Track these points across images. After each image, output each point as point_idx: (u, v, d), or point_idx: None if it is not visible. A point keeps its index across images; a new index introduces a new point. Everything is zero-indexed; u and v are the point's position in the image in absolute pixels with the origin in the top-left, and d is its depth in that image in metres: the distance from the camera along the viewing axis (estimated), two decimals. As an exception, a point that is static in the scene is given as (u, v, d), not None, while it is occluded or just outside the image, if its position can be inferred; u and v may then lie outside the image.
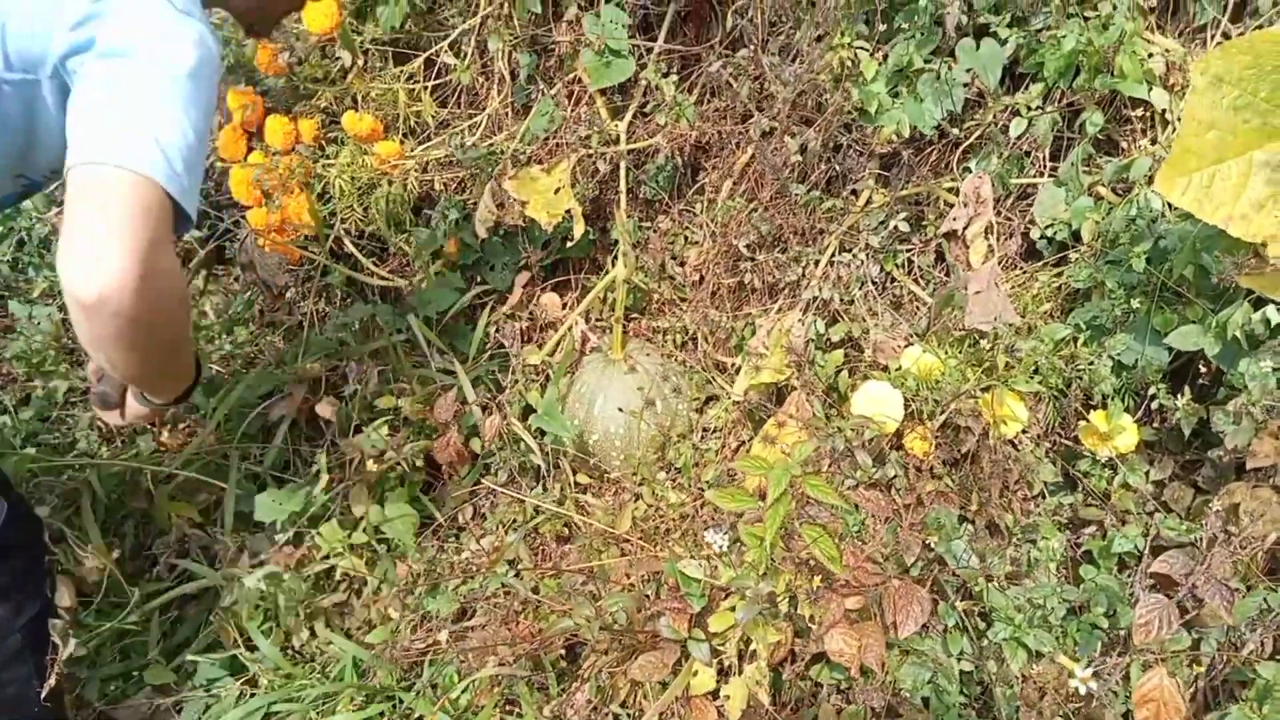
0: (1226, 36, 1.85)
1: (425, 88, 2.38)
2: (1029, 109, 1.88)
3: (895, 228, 1.97)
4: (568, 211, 2.06)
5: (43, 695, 1.39)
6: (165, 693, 1.72)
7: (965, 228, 1.83)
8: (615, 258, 2.21)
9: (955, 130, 1.99)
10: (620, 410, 2.03)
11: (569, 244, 2.20)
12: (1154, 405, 1.66)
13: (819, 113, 2.03)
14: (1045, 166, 1.98)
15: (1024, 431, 1.66)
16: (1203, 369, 1.71)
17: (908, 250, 2.04)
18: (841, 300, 1.98)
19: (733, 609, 1.26)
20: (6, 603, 1.35)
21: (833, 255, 2.02)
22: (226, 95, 2.22)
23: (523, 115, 2.36)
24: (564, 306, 2.38)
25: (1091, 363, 1.65)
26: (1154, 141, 1.88)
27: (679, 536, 1.72)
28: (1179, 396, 1.61)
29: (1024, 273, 1.91)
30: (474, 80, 2.37)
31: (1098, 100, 1.87)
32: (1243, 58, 1.39)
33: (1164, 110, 1.85)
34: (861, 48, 1.94)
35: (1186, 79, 1.83)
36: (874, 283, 1.99)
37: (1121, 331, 1.67)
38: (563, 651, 1.61)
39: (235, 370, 2.31)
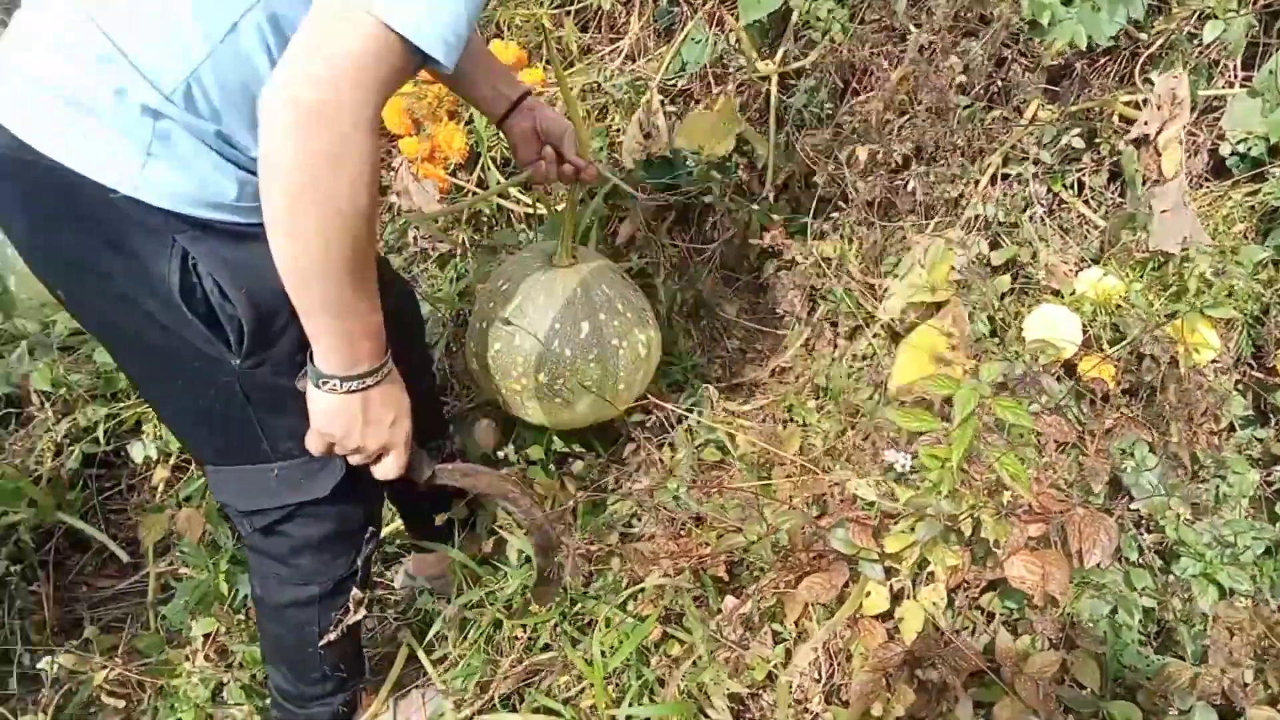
0: None
1: (567, 12, 2.36)
2: (1225, 11, 1.74)
3: (1069, 144, 1.87)
4: (737, 137, 2.03)
5: (329, 651, 1.44)
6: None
7: (1157, 133, 1.70)
8: (765, 181, 2.17)
9: (1140, 35, 1.85)
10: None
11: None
12: (1359, 332, 1.55)
13: (983, 25, 1.93)
14: (1236, 76, 1.84)
15: (1213, 361, 1.57)
16: None
17: (1078, 170, 1.93)
18: (1005, 220, 1.89)
19: (908, 530, 1.25)
20: (324, 554, 1.37)
21: (995, 173, 1.94)
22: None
23: (664, 40, 2.32)
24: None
25: (1290, 286, 1.54)
26: (1366, 44, 1.72)
27: (844, 460, 1.70)
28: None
29: (1212, 192, 1.79)
30: (613, 5, 2.34)
31: (1302, 0, 1.72)
32: None
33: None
34: (1034, -48, 1.83)
35: None
36: (1041, 203, 1.90)
37: (1325, 252, 1.56)
38: (724, 569, 1.63)
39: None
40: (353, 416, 1.12)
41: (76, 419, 2.04)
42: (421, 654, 1.70)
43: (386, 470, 1.21)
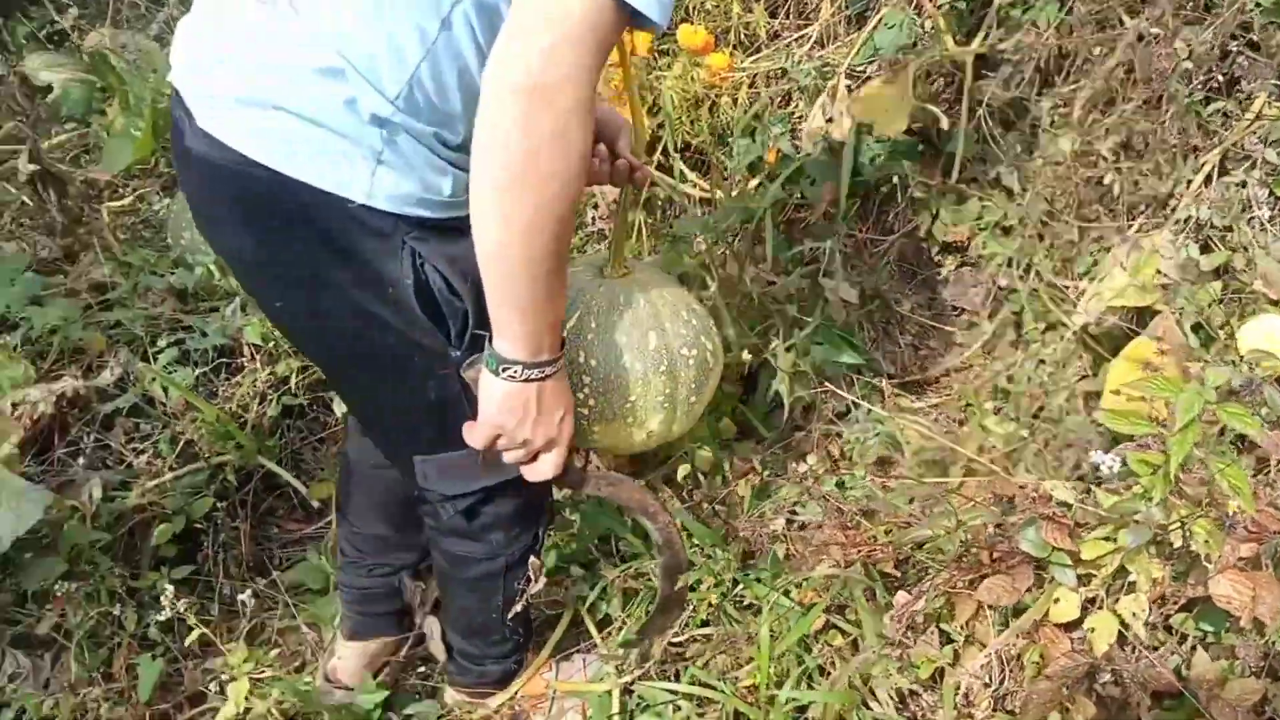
0: None
1: (758, -2, 2.36)
2: None
3: (1299, 144, 1.73)
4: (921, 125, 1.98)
5: (509, 615, 1.49)
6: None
7: None
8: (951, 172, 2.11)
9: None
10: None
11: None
12: None
13: (1208, 14, 1.81)
14: None
15: None
16: None
17: (1307, 172, 1.79)
18: (1219, 225, 1.78)
19: (1107, 538, 1.20)
20: (513, 529, 1.42)
21: (1210, 172, 1.82)
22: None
23: (855, 25, 2.29)
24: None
25: None
26: None
27: (1025, 466, 1.64)
28: None
29: None
30: (806, -11, 2.33)
31: None
32: None
33: None
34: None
35: None
36: (1262, 206, 1.77)
37: None
38: (893, 565, 1.60)
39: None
40: (527, 406, 1.12)
41: (275, 370, 2.20)
42: (588, 618, 1.75)
43: (543, 470, 1.21)
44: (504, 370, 1.09)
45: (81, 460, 2.06)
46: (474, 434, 1.16)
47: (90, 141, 2.91)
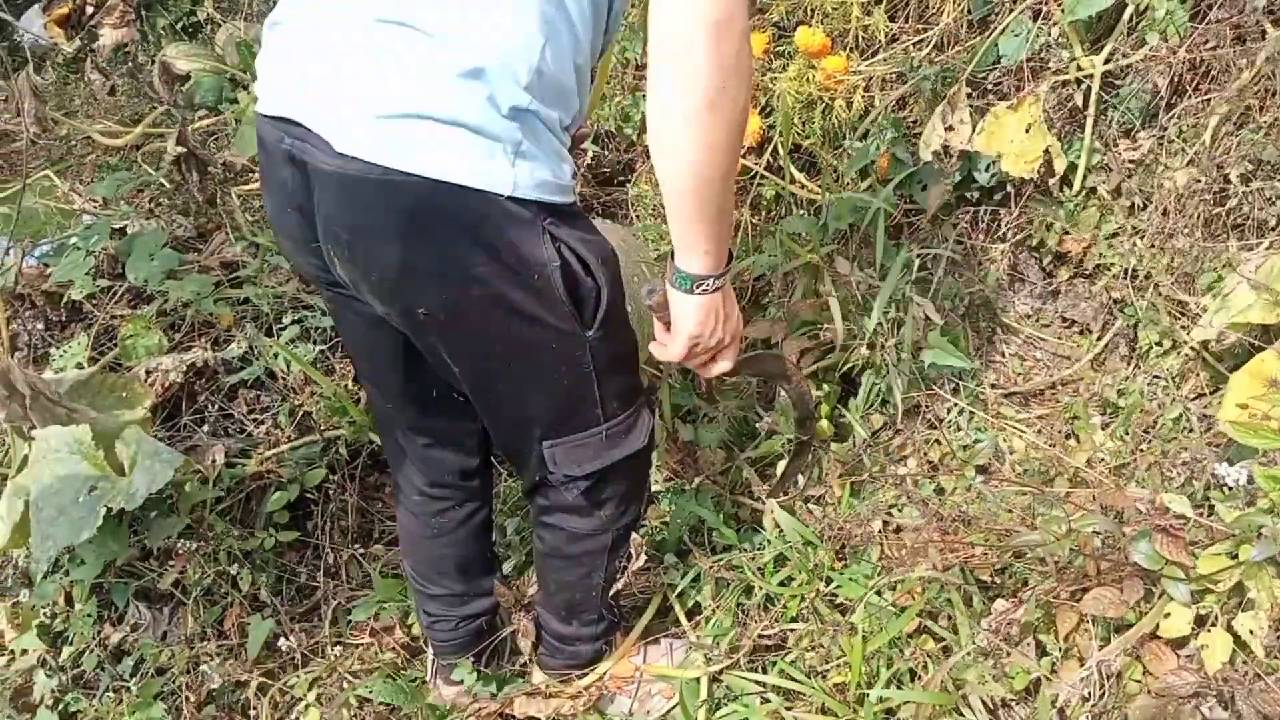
0: None
1: (878, 1, 2.35)
2: None
3: None
4: (1045, 152, 1.94)
5: (608, 593, 1.57)
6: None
7: None
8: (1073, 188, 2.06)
9: None
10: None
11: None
12: None
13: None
14: None
15: None
16: None
17: None
18: (1356, 244, 1.70)
19: (1226, 553, 1.16)
20: (623, 503, 1.47)
21: (1350, 191, 1.74)
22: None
23: (977, 30, 2.26)
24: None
25: None
26: None
27: (1135, 481, 1.60)
28: None
29: None
30: (927, -8, 2.30)
31: None
32: None
33: None
34: None
35: None
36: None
37: None
38: (990, 573, 1.58)
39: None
40: (717, 312, 1.25)
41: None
42: (677, 604, 1.78)
43: (723, 365, 1.33)
44: (698, 287, 1.20)
45: (206, 427, 2.18)
46: (672, 348, 1.28)
47: (220, 129, 3.07)
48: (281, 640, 1.90)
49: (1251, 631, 1.13)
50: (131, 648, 1.96)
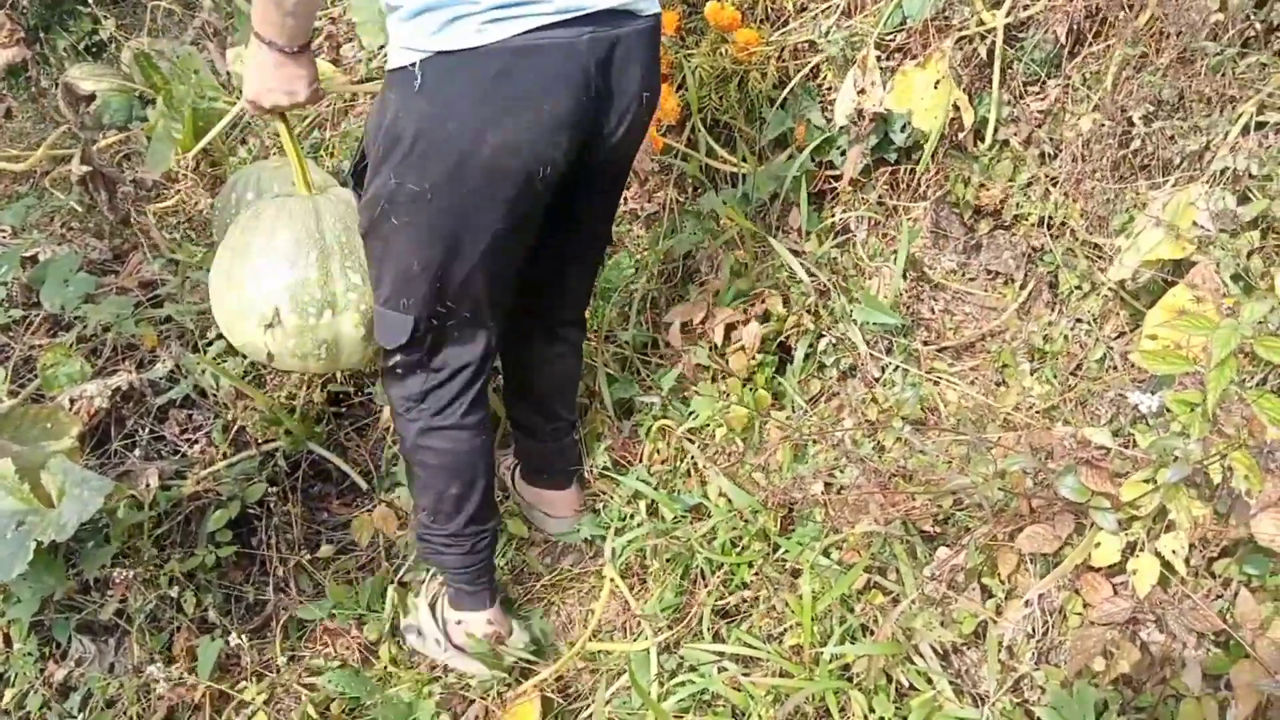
0: None
1: (783, -28, 2.36)
2: None
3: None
4: (955, 107, 1.97)
5: None
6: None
7: None
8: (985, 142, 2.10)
9: None
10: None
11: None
12: None
13: (1239, -38, 1.79)
14: None
15: None
16: None
17: (1345, 117, 1.76)
18: (1257, 174, 1.75)
19: (1146, 479, 1.20)
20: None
21: (1247, 124, 1.79)
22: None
23: (883, -5, 2.28)
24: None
25: None
26: None
27: (1063, 421, 1.64)
28: None
29: None
30: (831, -39, 2.32)
31: None
32: None
33: None
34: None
35: None
36: (1301, 153, 1.74)
37: None
38: (931, 523, 1.61)
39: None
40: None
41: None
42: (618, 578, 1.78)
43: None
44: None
45: (138, 451, 2.13)
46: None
47: (131, 148, 2.99)
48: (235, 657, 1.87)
49: (1174, 552, 1.16)
50: (78, 683, 1.91)
